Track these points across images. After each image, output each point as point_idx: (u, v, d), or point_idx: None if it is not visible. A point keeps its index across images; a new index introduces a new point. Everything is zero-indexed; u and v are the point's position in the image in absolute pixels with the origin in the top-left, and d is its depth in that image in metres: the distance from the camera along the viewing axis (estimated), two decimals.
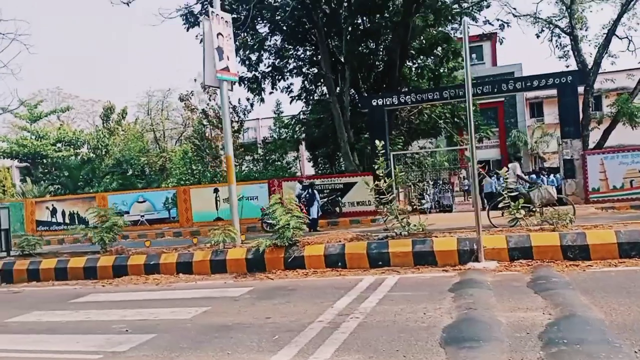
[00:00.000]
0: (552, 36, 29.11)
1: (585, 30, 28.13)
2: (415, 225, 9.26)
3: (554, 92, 38.32)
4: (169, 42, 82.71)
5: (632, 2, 24.37)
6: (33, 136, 39.39)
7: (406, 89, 22.12)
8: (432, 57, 23.01)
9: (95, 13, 79.63)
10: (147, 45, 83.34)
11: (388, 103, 18.81)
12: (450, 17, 20.73)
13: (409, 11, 19.72)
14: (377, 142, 9.65)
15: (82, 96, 50.61)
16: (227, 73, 9.99)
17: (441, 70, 22.64)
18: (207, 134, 31.97)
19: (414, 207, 15.86)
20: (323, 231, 14.85)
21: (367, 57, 23.21)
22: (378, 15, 21.88)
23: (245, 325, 5.71)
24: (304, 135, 31.08)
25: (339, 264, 8.48)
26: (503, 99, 38.10)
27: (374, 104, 18.64)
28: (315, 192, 16.49)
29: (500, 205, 9.74)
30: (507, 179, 9.52)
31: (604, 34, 25.97)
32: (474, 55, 39.39)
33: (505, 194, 9.24)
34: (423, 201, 18.71)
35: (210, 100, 32.52)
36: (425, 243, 8.20)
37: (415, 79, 23.43)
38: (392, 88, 21.82)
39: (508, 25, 22.40)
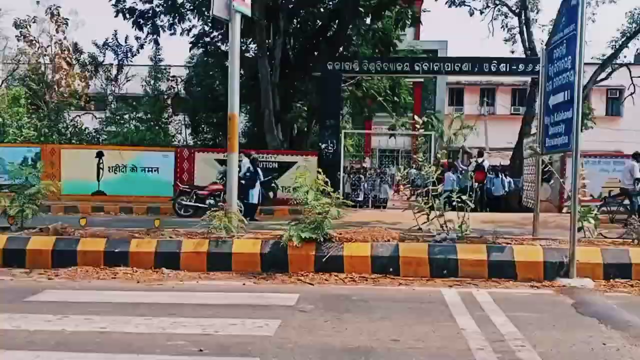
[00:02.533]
0: (497, 15, 30.92)
1: (537, 13, 30.24)
2: (459, 227, 9.15)
3: (477, 78, 40.86)
4: None
5: None
6: None
7: (353, 54, 21.90)
8: (382, 20, 22.93)
9: None
10: None
11: (347, 69, 18.54)
12: None
13: None
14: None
15: None
16: (242, 3, 9.09)
17: (392, 37, 22.65)
18: (48, 77, 29.70)
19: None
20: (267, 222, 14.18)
21: (307, 8, 22.61)
22: None
23: (381, 351, 5.15)
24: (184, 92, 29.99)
25: (390, 269, 8.09)
26: (422, 80, 38.63)
27: (330, 67, 18.24)
28: (259, 170, 15.70)
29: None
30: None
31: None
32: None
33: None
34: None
35: (57, 31, 30.14)
36: (503, 251, 8.11)
37: (360, 42, 23.22)
38: (334, 50, 21.46)
39: None
